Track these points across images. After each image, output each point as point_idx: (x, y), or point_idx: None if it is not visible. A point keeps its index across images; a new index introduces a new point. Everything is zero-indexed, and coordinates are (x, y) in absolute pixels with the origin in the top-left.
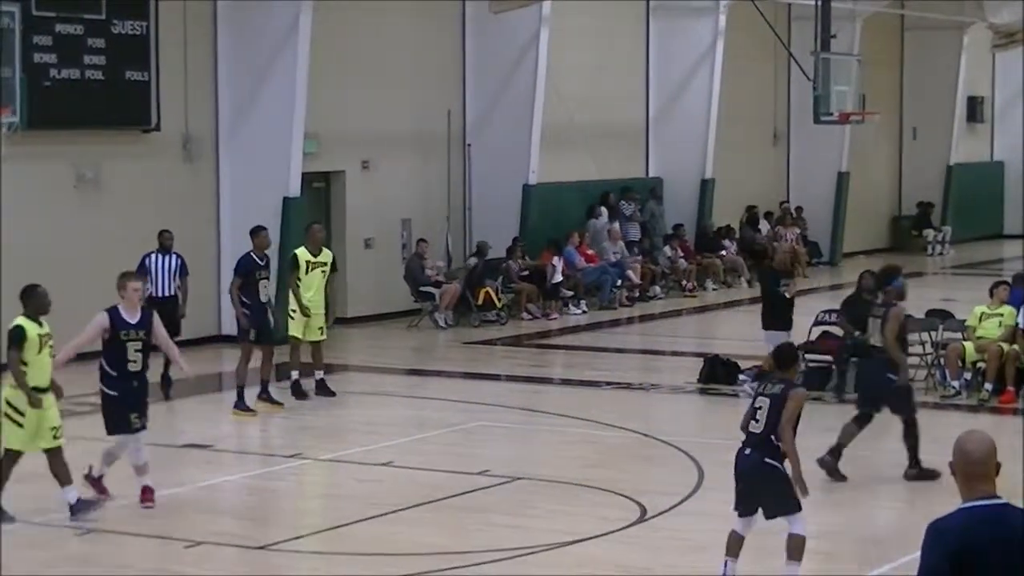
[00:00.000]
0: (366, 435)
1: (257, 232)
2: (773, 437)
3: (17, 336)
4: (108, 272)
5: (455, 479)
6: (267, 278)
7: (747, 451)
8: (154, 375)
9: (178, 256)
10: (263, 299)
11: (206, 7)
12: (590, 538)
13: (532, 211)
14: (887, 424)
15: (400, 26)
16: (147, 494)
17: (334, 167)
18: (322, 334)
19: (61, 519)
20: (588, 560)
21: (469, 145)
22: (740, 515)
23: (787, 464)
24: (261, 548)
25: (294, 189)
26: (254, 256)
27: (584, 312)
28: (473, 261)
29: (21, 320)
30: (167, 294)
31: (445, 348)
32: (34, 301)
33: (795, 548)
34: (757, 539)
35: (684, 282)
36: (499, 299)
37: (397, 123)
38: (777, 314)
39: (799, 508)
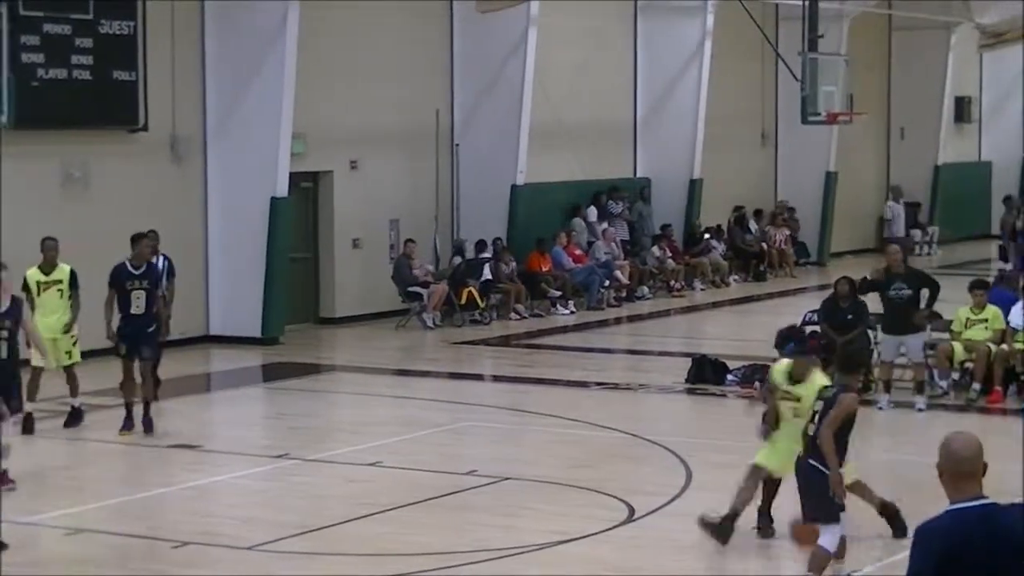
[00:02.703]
0: (354, 435)
1: (136, 240)
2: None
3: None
4: (96, 271)
5: (443, 479)
6: (143, 289)
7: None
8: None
9: (165, 257)
10: (135, 311)
11: (193, 7)
12: (579, 538)
13: (520, 211)
14: (875, 424)
15: (388, 25)
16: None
17: (322, 167)
18: (71, 358)
19: (48, 519)
20: (577, 560)
21: (457, 145)
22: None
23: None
24: (249, 548)
25: (282, 189)
26: (128, 265)
27: (572, 312)
28: (458, 260)
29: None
30: None
31: (433, 348)
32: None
33: (815, 560)
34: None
35: (672, 282)
36: (482, 299)
37: (385, 123)
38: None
39: (837, 519)
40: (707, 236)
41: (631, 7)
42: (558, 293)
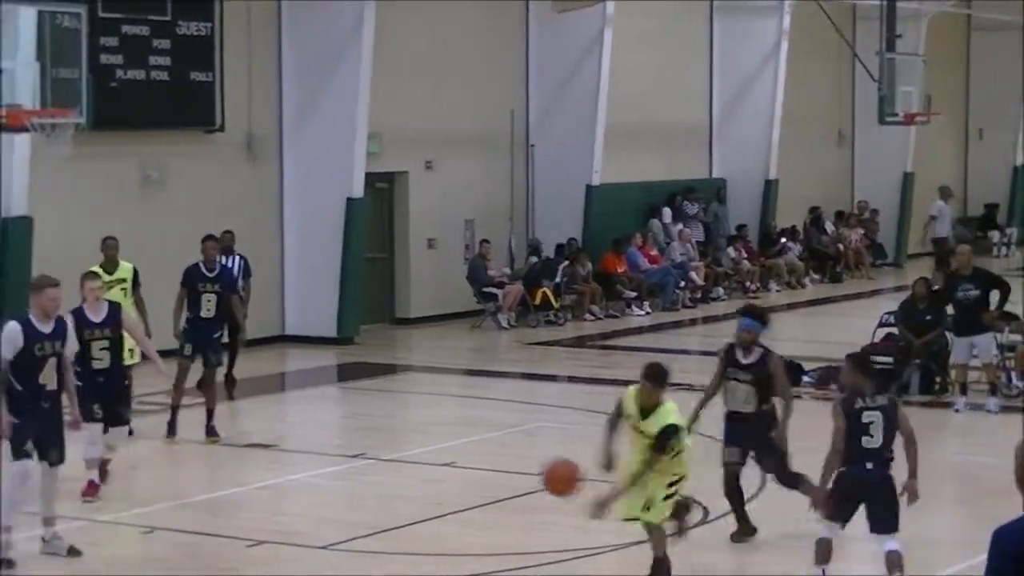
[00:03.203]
0: (428, 435)
1: (203, 241)
2: (889, 451)
3: None
4: (173, 271)
5: (516, 480)
6: (215, 292)
7: (868, 465)
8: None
9: (241, 257)
10: (204, 314)
11: (270, 7)
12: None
13: (595, 211)
14: (949, 426)
15: (464, 26)
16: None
17: (397, 167)
18: (132, 357)
19: (124, 518)
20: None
21: (532, 145)
22: (835, 522)
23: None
24: (322, 548)
25: (357, 189)
26: (202, 266)
27: (647, 313)
28: (533, 261)
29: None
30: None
31: (507, 349)
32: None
33: (895, 563)
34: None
35: (747, 283)
36: (556, 300)
37: (460, 123)
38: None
39: (898, 528)
40: (783, 237)
41: (707, 7)
42: (633, 294)
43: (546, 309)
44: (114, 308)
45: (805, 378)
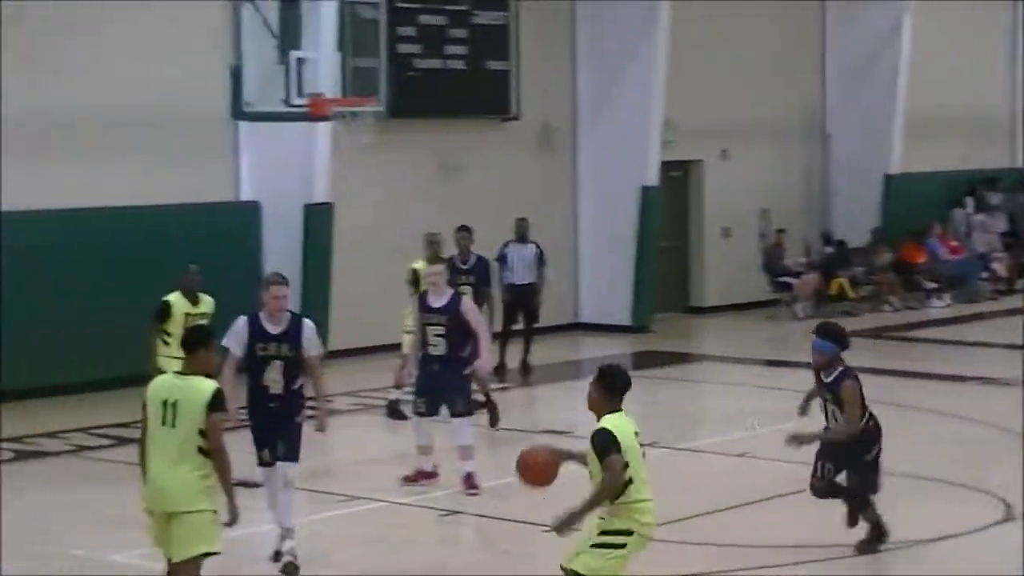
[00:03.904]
0: (722, 425)
1: (456, 231)
2: None
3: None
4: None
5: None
6: (468, 284)
7: None
8: (513, 361)
9: (535, 245)
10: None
11: None
12: (951, 536)
13: (893, 201)
14: None
15: (759, 15)
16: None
17: (692, 156)
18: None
19: (424, 500)
20: (949, 558)
21: (829, 134)
22: None
23: None
24: None
25: (652, 178)
26: (455, 259)
27: (947, 305)
28: (829, 250)
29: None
30: (525, 282)
31: (802, 339)
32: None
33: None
34: None
35: None
36: (853, 290)
37: (756, 112)
38: None
39: None
40: None
41: None
42: (933, 285)
43: (842, 299)
44: (456, 297)
45: None
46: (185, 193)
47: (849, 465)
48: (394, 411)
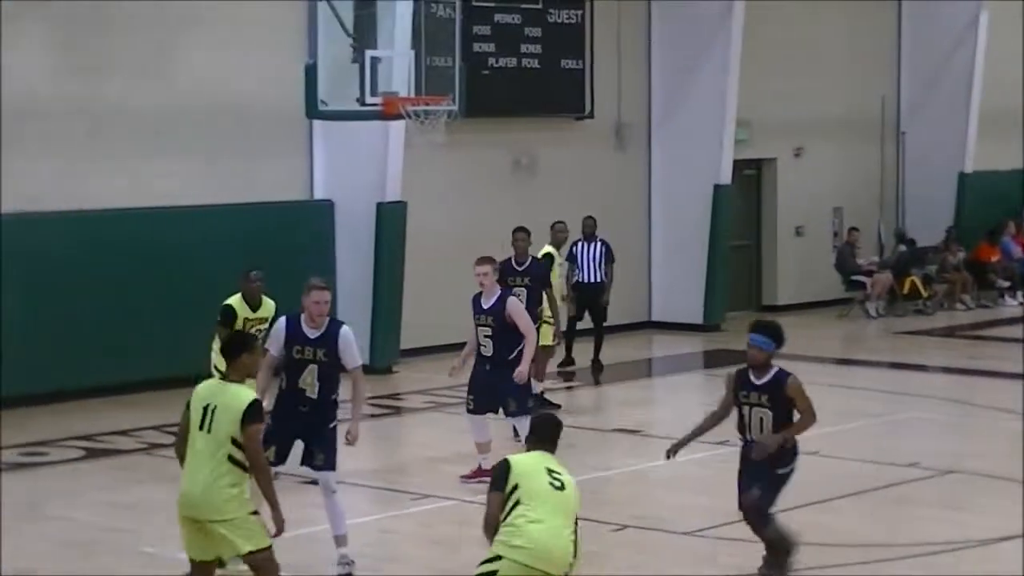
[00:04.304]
0: None
1: (513, 233)
2: None
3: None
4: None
5: (883, 470)
6: (523, 286)
7: None
8: (584, 359)
9: (603, 242)
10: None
11: None
12: (1020, 536)
13: (968, 200)
14: None
15: (833, 13)
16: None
17: (766, 154)
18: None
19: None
20: (1018, 557)
21: (903, 133)
22: None
23: None
24: (685, 534)
25: (725, 176)
26: (512, 260)
27: (1021, 304)
28: (903, 249)
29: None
30: (594, 280)
31: (875, 338)
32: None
33: None
34: None
35: None
36: (926, 289)
37: (829, 110)
38: None
39: None
40: None
41: None
42: (1007, 284)
43: (915, 298)
44: (504, 295)
45: None
46: (260, 192)
47: (759, 477)
48: (544, 402)
